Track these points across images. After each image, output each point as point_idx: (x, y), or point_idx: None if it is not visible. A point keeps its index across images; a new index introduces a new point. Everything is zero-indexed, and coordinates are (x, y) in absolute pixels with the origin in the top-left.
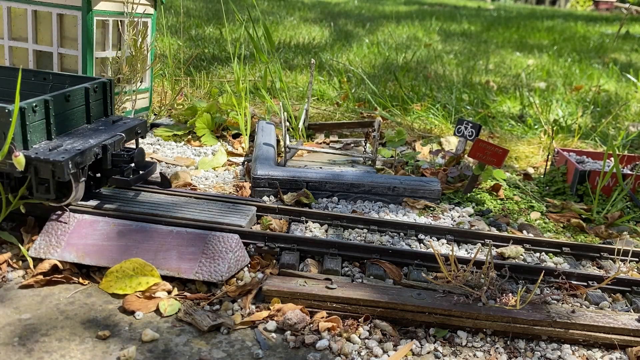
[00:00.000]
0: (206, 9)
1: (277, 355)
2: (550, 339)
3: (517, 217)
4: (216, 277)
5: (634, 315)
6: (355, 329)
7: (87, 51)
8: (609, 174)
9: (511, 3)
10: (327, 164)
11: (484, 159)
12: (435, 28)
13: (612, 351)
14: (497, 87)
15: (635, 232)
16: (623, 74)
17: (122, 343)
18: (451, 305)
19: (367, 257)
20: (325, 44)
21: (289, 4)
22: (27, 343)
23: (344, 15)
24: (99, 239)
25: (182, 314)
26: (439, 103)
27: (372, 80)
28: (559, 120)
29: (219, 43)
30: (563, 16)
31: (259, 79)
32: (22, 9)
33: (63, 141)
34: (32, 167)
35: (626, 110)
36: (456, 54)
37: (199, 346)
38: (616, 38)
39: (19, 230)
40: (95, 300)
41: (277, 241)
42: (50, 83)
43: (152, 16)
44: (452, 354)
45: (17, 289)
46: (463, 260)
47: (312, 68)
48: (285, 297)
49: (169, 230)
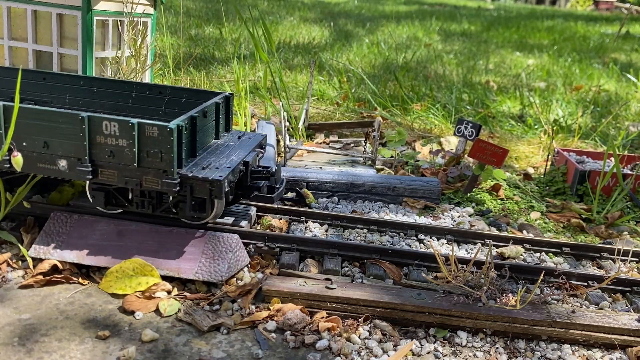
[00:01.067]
0: (206, 8)
1: (277, 356)
2: (550, 339)
3: (517, 217)
4: (216, 277)
5: (634, 316)
6: (355, 329)
7: (87, 51)
8: (609, 174)
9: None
10: (327, 164)
11: (484, 159)
12: (435, 28)
13: (612, 351)
14: (497, 87)
15: (635, 232)
16: (623, 74)
17: (122, 343)
18: (451, 305)
19: (367, 257)
20: (325, 44)
21: (289, 4)
22: (26, 343)
23: (344, 15)
24: (98, 239)
25: (182, 314)
26: (439, 103)
27: (372, 80)
28: (559, 120)
29: (218, 43)
30: (563, 16)
31: (259, 79)
32: (21, 9)
33: (206, 158)
34: (188, 186)
35: (626, 110)
36: (456, 53)
37: (199, 346)
38: (616, 38)
39: (18, 230)
40: (95, 301)
41: (277, 241)
42: (166, 97)
43: (152, 16)
44: (452, 354)
45: (16, 289)
46: (463, 260)
47: (312, 68)
48: (285, 297)
49: (168, 230)
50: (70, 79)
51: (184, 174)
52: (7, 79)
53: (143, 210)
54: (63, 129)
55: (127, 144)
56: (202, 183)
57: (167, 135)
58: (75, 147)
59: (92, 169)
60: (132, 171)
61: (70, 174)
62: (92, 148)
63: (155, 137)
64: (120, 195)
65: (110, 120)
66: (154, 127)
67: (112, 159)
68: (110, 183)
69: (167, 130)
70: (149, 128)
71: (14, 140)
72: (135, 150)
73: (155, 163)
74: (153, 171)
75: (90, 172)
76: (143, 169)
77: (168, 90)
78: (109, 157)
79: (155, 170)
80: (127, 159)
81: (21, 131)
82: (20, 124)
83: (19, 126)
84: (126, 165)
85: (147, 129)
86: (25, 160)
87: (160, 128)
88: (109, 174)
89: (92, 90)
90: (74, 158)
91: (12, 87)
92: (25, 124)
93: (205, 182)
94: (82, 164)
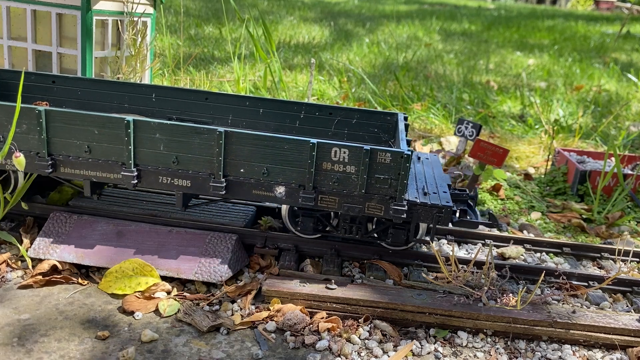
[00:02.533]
0: (206, 8)
1: (276, 356)
2: (551, 340)
3: (518, 217)
4: (216, 278)
5: (634, 316)
6: (355, 329)
7: (86, 51)
8: (609, 174)
9: (512, 2)
10: None
11: (485, 159)
12: (436, 27)
13: (613, 351)
14: (497, 86)
15: (636, 232)
16: (624, 74)
17: (122, 343)
18: (451, 305)
19: (367, 258)
20: (325, 44)
21: (289, 4)
22: (26, 343)
23: (344, 15)
24: (98, 239)
25: (181, 314)
26: (439, 103)
27: (372, 80)
28: (560, 120)
29: (218, 42)
30: (564, 16)
31: (259, 79)
32: (21, 9)
33: (413, 182)
34: (415, 212)
35: (627, 110)
36: (456, 53)
37: (199, 347)
38: (617, 38)
39: (18, 230)
40: (95, 301)
41: (277, 241)
42: (337, 118)
43: (151, 15)
44: (453, 354)
45: (16, 289)
46: (463, 260)
47: (312, 67)
48: (285, 297)
49: (168, 230)
50: (235, 99)
51: (411, 200)
52: (168, 99)
53: (349, 236)
54: (287, 155)
55: (355, 170)
56: (429, 209)
57: (400, 161)
58: (298, 174)
59: (313, 196)
60: (356, 198)
61: (286, 201)
62: (317, 175)
63: (386, 164)
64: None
65: (340, 147)
66: (387, 153)
67: (337, 186)
68: (329, 209)
69: (402, 157)
70: (381, 154)
71: (228, 166)
72: (364, 177)
73: (383, 190)
74: (378, 198)
75: (312, 199)
76: (368, 195)
77: (339, 111)
78: (333, 184)
79: (380, 197)
80: (352, 185)
81: (242, 158)
82: (241, 151)
83: (239, 152)
84: (351, 192)
85: (379, 155)
86: (238, 187)
87: (394, 154)
88: (329, 200)
89: (258, 110)
90: (294, 185)
91: (172, 107)
92: (247, 151)
93: (434, 208)
94: (304, 191)
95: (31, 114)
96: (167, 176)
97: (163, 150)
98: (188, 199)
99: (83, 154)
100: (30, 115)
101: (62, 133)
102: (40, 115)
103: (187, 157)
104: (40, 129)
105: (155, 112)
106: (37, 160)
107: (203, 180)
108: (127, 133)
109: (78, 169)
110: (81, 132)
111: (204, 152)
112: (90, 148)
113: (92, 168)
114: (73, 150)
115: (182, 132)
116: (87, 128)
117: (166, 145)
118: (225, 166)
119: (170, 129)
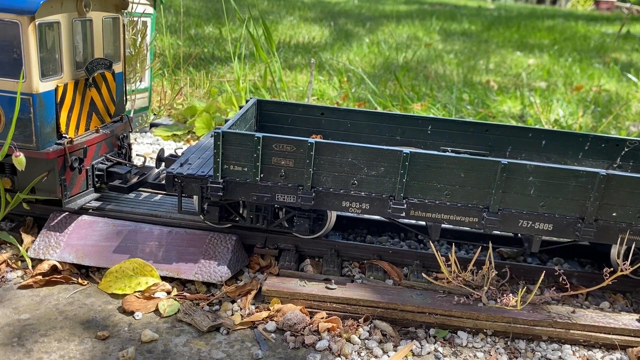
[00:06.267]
0: (206, 8)
1: (276, 356)
2: (551, 340)
3: None
4: (216, 278)
5: (634, 316)
6: (355, 329)
7: None
8: None
9: (512, 2)
10: None
11: None
12: (436, 27)
13: (613, 351)
14: (497, 86)
15: None
16: (624, 74)
17: (122, 343)
18: (451, 305)
19: (366, 258)
20: (325, 44)
21: (289, 4)
22: (26, 343)
23: (344, 15)
24: (98, 240)
25: (181, 314)
26: (439, 103)
27: (372, 80)
28: (560, 120)
29: (218, 42)
30: (564, 16)
31: (259, 79)
32: None
33: None
34: None
35: (627, 110)
36: (456, 53)
37: (199, 347)
38: (617, 38)
39: (18, 230)
40: (95, 301)
41: (277, 241)
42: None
43: (151, 15)
44: (453, 354)
45: (16, 289)
46: (463, 260)
47: (312, 67)
48: (284, 297)
49: (168, 231)
50: (516, 130)
51: None
52: (443, 130)
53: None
54: None
55: None
56: None
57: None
58: None
59: None
60: None
61: None
62: None
63: None
64: None
65: None
66: None
67: None
68: None
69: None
70: None
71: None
72: None
73: None
74: None
75: None
76: None
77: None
78: None
79: None
80: None
81: (618, 201)
82: (617, 193)
83: (614, 195)
84: None
85: None
86: (604, 231)
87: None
88: None
89: (540, 142)
90: None
91: (445, 139)
92: (625, 193)
93: None
94: None
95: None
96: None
97: (532, 194)
98: None
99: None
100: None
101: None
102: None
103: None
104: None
105: (428, 144)
106: None
107: (567, 224)
108: None
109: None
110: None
111: (576, 196)
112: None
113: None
114: (432, 194)
115: (555, 175)
116: (453, 171)
117: (537, 188)
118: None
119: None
